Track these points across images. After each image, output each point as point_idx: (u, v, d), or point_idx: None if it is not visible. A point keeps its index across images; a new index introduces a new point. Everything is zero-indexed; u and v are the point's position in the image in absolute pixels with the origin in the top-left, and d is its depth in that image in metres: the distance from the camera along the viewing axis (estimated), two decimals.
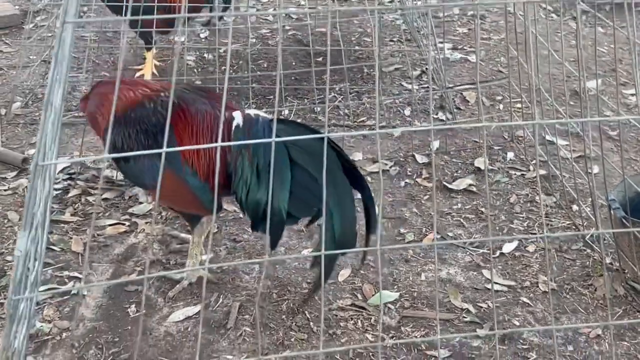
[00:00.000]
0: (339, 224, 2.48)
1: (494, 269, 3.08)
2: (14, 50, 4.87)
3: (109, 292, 2.90)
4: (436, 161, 3.82)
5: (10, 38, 5.10)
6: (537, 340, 2.72)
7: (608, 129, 4.07)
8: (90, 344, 2.65)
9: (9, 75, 4.56)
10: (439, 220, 3.38)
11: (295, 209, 2.56)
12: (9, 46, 4.99)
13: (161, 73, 4.52)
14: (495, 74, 4.75)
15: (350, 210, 2.50)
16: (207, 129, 2.69)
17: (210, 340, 2.69)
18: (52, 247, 3.11)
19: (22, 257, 1.54)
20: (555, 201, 3.51)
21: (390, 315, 2.83)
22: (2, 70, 4.66)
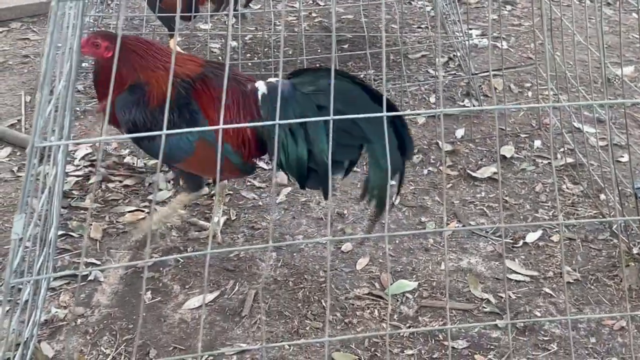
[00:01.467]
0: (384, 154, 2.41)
1: (517, 258, 3.00)
2: (41, 39, 4.89)
3: (125, 279, 2.89)
4: (461, 149, 3.74)
5: (38, 26, 5.12)
6: (559, 331, 2.64)
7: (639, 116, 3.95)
8: (104, 330, 2.64)
9: (36, 63, 4.57)
10: (462, 208, 3.31)
11: (337, 153, 2.57)
12: (37, 34, 5.01)
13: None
14: (525, 61, 4.64)
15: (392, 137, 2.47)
16: (234, 102, 2.71)
17: (225, 327, 2.66)
18: (71, 234, 3.11)
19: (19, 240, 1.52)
20: (582, 190, 3.41)
21: (408, 305, 2.77)
22: (29, 58, 4.68)
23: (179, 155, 2.72)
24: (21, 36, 4.98)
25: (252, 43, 4.87)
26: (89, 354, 2.54)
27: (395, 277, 2.90)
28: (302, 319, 2.70)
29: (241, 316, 2.71)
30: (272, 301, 2.78)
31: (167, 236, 3.10)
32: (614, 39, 4.75)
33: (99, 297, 2.80)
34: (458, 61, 4.61)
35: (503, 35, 4.93)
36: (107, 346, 2.58)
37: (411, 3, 5.49)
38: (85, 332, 2.63)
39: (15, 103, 4.15)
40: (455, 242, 3.10)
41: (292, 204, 3.33)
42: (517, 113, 4.06)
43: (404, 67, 4.23)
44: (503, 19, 5.23)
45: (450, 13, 4.72)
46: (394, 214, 3.26)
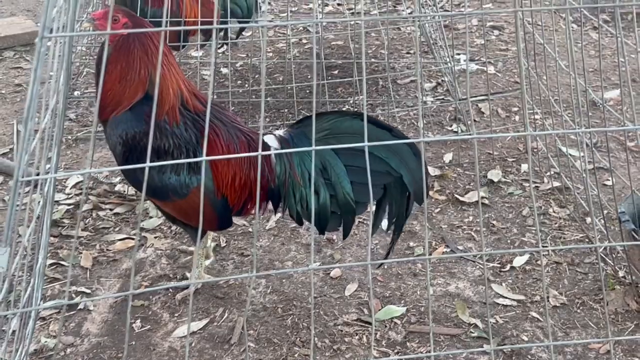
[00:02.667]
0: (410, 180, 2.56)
1: (504, 282, 3.01)
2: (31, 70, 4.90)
3: (115, 307, 2.89)
4: (449, 174, 3.76)
5: (31, 55, 5.15)
6: (546, 356, 2.65)
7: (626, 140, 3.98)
8: (94, 359, 2.64)
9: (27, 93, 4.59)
10: (450, 233, 3.33)
11: (361, 194, 2.60)
12: (29, 63, 5.04)
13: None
14: (512, 85, 4.68)
15: (413, 163, 2.54)
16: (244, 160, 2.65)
17: (214, 355, 2.66)
18: (62, 262, 3.12)
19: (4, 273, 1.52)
20: (568, 214, 3.43)
21: (396, 331, 2.78)
22: (22, 87, 4.70)
23: (167, 194, 2.62)
24: (14, 65, 5.01)
25: (242, 70, 4.91)
26: None
27: (383, 303, 2.91)
28: (290, 345, 2.71)
29: (230, 344, 2.71)
30: (261, 328, 2.78)
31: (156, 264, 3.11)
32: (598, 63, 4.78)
33: (88, 326, 2.80)
34: (446, 86, 4.65)
35: (490, 60, 4.97)
36: None
37: (400, 29, 5.54)
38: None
39: (8, 132, 4.17)
40: (443, 266, 3.11)
41: (281, 230, 3.34)
42: (504, 137, 4.09)
43: (392, 93, 4.27)
44: (490, 44, 5.28)
45: (437, 39, 4.76)
46: (382, 238, 3.28)
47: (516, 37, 3.60)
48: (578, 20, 5.49)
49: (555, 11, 5.36)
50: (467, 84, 3.71)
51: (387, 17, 5.47)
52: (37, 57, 1.49)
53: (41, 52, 1.51)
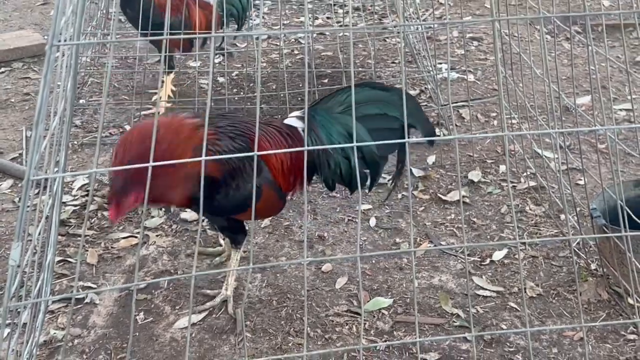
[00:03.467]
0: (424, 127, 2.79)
1: (484, 275, 3.03)
2: (41, 77, 4.90)
3: (119, 301, 2.89)
4: (432, 174, 3.78)
5: (38, 66, 5.15)
6: (523, 343, 2.67)
7: (597, 142, 4.01)
8: (99, 349, 2.65)
9: (36, 100, 4.58)
10: (433, 229, 3.34)
11: (384, 149, 2.76)
12: (37, 73, 5.04)
13: (176, 96, 4.53)
14: (490, 92, 4.70)
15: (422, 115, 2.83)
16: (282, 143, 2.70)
17: (213, 345, 2.67)
18: (69, 260, 3.12)
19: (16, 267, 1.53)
20: (544, 211, 3.45)
21: (384, 321, 2.79)
22: (30, 96, 4.70)
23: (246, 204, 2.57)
24: (23, 75, 5.01)
25: (238, 79, 4.92)
26: None
27: (372, 295, 2.92)
28: (285, 335, 2.72)
29: (228, 334, 2.72)
30: (257, 319, 2.79)
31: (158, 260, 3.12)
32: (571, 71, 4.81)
33: (94, 318, 2.80)
34: (429, 93, 4.67)
35: (470, 68, 5.00)
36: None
37: (385, 40, 5.56)
38: (82, 352, 2.63)
39: (17, 138, 4.16)
40: (427, 261, 3.13)
41: (275, 227, 3.35)
42: (483, 140, 4.12)
43: None
44: (470, 54, 5.30)
45: (421, 49, 4.79)
46: (370, 235, 3.29)
47: (494, 46, 3.64)
48: (552, 31, 5.53)
49: (530, 23, 5.40)
50: (449, 91, 3.73)
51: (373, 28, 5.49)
52: (47, 63, 1.50)
53: (51, 59, 1.53)
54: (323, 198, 3.60)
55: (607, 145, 3.95)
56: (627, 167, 3.84)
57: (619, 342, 2.67)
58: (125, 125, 4.28)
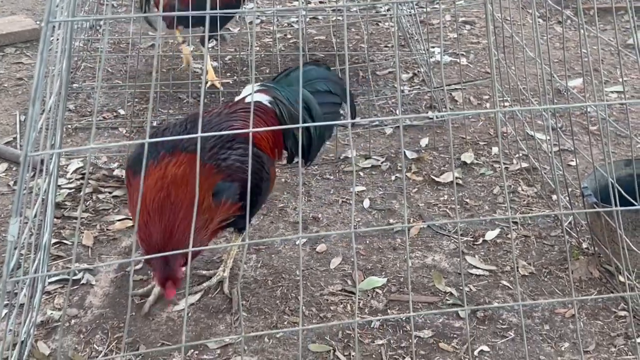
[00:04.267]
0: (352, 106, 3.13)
1: (477, 255, 3.06)
2: (33, 62, 4.90)
3: (115, 282, 2.91)
4: (425, 156, 3.80)
5: (31, 51, 5.13)
6: (516, 320, 2.70)
7: (586, 124, 4.03)
8: (96, 329, 2.66)
9: (29, 84, 4.59)
10: (427, 210, 3.37)
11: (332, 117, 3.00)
12: (30, 58, 5.03)
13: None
14: (482, 75, 4.72)
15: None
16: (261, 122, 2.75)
17: (209, 324, 2.69)
18: (64, 242, 3.13)
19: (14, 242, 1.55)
20: (536, 192, 3.48)
21: (378, 300, 2.82)
22: (23, 80, 4.69)
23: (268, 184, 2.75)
24: (15, 60, 5.00)
25: (231, 63, 4.92)
26: (83, 351, 2.57)
27: (366, 274, 2.95)
28: (280, 314, 2.74)
29: (224, 313, 2.74)
30: (252, 299, 2.82)
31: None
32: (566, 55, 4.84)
33: (91, 299, 2.82)
34: (422, 77, 4.69)
35: (463, 52, 5.01)
36: (100, 344, 2.60)
37: (378, 24, 5.57)
38: (79, 332, 2.65)
39: (11, 122, 4.16)
40: (420, 241, 3.16)
41: (270, 209, 3.37)
42: (476, 123, 4.14)
43: (371, 83, 4.30)
44: (463, 38, 5.32)
45: (414, 33, 4.80)
46: (364, 216, 3.32)
47: (486, 29, 3.64)
48: (544, 15, 5.54)
49: (523, 6, 5.40)
50: (442, 74, 3.75)
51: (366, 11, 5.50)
52: (43, 40, 1.51)
53: (47, 36, 1.53)
54: (317, 180, 3.62)
55: (598, 127, 3.98)
56: (618, 148, 3.87)
57: (610, 319, 2.70)
58: (119, 110, 4.28)
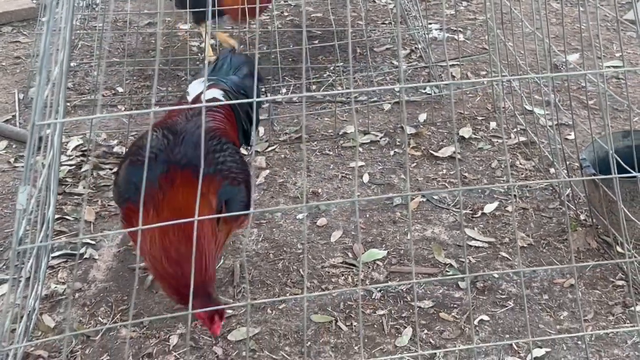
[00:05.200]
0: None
1: (476, 227, 3.09)
2: (31, 41, 4.88)
3: (118, 256, 2.93)
4: (423, 132, 3.82)
5: (28, 30, 5.11)
6: (515, 290, 2.73)
7: (584, 98, 4.05)
8: (101, 302, 2.69)
9: (27, 63, 4.58)
10: (426, 184, 3.39)
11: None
12: (27, 37, 5.01)
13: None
14: (480, 51, 4.73)
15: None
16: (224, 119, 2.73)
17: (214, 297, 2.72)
18: (66, 217, 3.14)
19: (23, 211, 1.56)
20: (534, 165, 3.51)
21: (378, 272, 2.85)
22: (21, 59, 4.68)
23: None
24: (12, 39, 4.98)
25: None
26: (87, 323, 2.59)
27: (366, 247, 2.97)
28: (282, 286, 2.77)
29: (227, 286, 2.77)
30: (254, 272, 2.84)
31: None
32: (560, 30, 4.85)
33: (94, 273, 2.84)
34: (419, 53, 4.69)
35: (460, 28, 5.02)
36: (104, 316, 2.63)
37: (375, 1, 5.56)
38: (84, 305, 2.67)
39: (10, 100, 4.16)
40: (420, 214, 3.18)
41: (270, 185, 3.39)
42: (474, 98, 4.15)
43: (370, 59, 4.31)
44: (460, 14, 5.31)
45: (411, 9, 4.80)
46: (363, 191, 3.34)
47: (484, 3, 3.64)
48: None
49: None
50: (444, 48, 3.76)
51: None
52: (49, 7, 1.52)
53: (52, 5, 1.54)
54: (316, 156, 3.64)
55: (595, 101, 4.00)
56: (615, 122, 3.89)
57: (607, 288, 2.74)
58: (117, 87, 4.28)
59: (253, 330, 2.55)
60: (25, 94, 4.20)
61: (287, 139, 3.77)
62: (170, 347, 2.50)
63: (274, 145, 3.71)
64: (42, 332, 2.54)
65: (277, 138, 3.78)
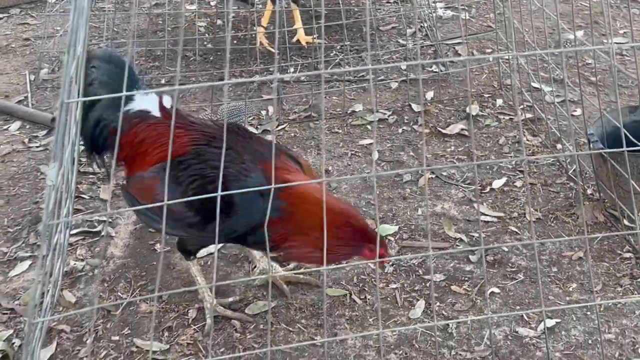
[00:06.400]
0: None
1: (485, 202, 3.12)
2: (39, 23, 4.90)
3: (134, 234, 2.97)
4: (431, 109, 3.84)
5: (36, 12, 5.13)
6: (525, 263, 2.77)
7: (590, 75, 4.08)
8: (119, 278, 2.73)
9: (36, 45, 4.60)
10: (435, 161, 3.43)
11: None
12: (35, 19, 5.02)
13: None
14: (485, 29, 4.74)
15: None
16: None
17: (228, 272, 2.76)
18: (82, 196, 3.18)
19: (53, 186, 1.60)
20: (540, 141, 3.54)
21: (390, 246, 2.89)
22: (30, 41, 4.69)
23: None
24: (21, 21, 4.99)
25: (234, 21, 4.92)
26: (107, 298, 2.64)
27: (376, 223, 3.01)
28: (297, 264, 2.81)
29: (242, 261, 2.81)
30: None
31: None
32: (565, 8, 4.85)
33: (112, 250, 2.88)
34: (425, 31, 4.71)
35: (464, 6, 5.02)
36: (123, 291, 2.67)
37: None
38: (103, 281, 2.72)
39: (21, 82, 4.18)
40: (430, 190, 3.22)
41: None
42: (480, 75, 4.18)
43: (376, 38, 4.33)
44: None
45: None
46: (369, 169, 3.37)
47: None
48: None
49: None
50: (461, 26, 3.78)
51: None
52: None
53: None
54: (326, 135, 3.66)
55: (600, 77, 4.02)
56: (619, 98, 3.91)
57: (615, 261, 2.78)
58: None
59: (270, 304, 2.60)
60: (36, 75, 4.22)
61: (296, 118, 3.80)
62: (189, 321, 2.55)
63: (283, 124, 3.74)
64: (64, 307, 2.59)
65: (287, 117, 3.81)
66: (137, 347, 2.44)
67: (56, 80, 4.20)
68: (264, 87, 4.11)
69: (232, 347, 2.43)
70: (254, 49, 4.25)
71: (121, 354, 2.42)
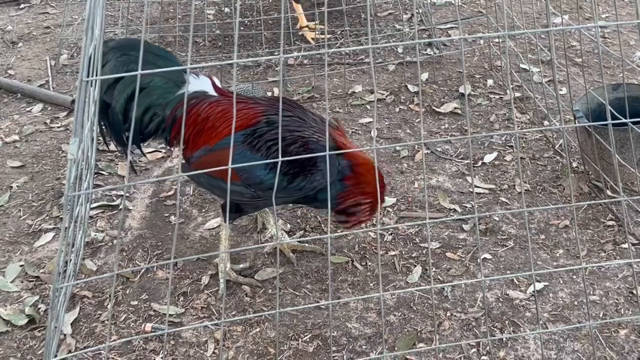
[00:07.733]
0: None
1: (477, 175, 3.10)
2: (59, 12, 4.85)
3: (150, 207, 2.96)
4: (426, 90, 3.81)
5: (56, 1, 5.08)
6: (514, 231, 2.76)
7: (574, 57, 4.04)
8: (137, 248, 2.72)
9: (56, 32, 4.55)
10: (430, 137, 3.40)
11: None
12: (55, 8, 4.97)
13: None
14: (476, 14, 4.69)
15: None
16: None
17: (239, 241, 2.75)
18: (101, 172, 3.17)
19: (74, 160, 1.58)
20: (529, 118, 3.51)
21: (389, 217, 2.88)
22: (50, 29, 4.65)
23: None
24: (41, 11, 4.95)
25: (241, 9, 4.87)
26: (126, 266, 2.63)
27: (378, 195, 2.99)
28: (303, 232, 2.80)
29: (251, 232, 2.80)
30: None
31: None
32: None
33: (130, 222, 2.87)
34: (420, 17, 4.66)
35: None
36: (141, 260, 2.66)
37: None
38: (122, 250, 2.71)
39: (42, 67, 4.15)
40: (425, 165, 3.20)
41: None
42: (472, 58, 4.14)
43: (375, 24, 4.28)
44: None
45: None
46: (372, 145, 3.35)
47: None
48: None
49: None
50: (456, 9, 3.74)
51: None
52: None
53: None
54: (328, 114, 3.63)
55: (584, 59, 3.98)
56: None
57: (599, 228, 2.76)
58: None
59: (278, 270, 2.59)
60: (56, 61, 4.18)
61: (299, 99, 3.77)
62: (202, 287, 2.54)
63: None
64: (85, 275, 2.59)
65: (291, 98, 3.77)
66: (155, 311, 2.44)
67: (75, 66, 4.16)
68: (269, 70, 4.08)
69: (243, 310, 2.43)
70: (260, 35, 4.21)
71: (140, 318, 2.41)
